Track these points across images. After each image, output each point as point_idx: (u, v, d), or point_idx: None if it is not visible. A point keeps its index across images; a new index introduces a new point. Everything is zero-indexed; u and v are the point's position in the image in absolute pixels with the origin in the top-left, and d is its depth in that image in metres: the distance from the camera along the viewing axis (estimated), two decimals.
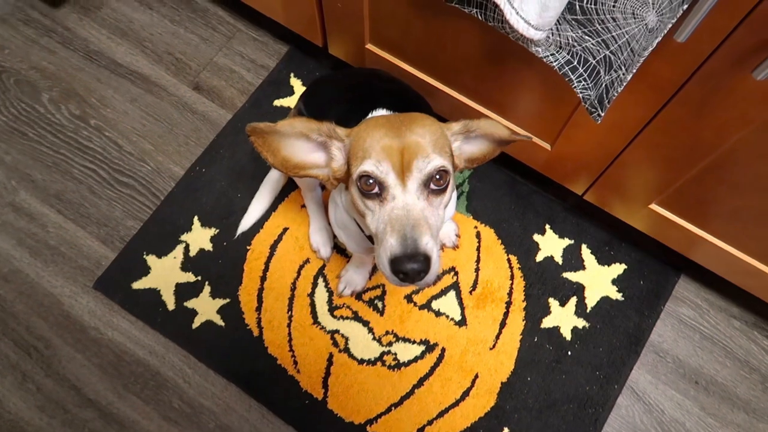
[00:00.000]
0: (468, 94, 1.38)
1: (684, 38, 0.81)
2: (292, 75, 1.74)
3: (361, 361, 1.47)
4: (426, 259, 0.80)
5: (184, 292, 1.52)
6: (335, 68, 1.74)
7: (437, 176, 0.85)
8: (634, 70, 0.90)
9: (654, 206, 1.30)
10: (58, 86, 1.74)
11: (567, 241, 1.57)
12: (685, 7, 0.78)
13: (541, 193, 1.62)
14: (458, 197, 1.60)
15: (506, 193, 1.62)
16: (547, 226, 1.59)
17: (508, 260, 1.55)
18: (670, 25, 0.81)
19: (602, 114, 1.00)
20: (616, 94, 0.95)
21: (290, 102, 1.71)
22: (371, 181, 0.84)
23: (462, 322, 1.50)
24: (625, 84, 0.92)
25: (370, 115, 1.08)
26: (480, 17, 1.04)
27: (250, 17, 1.82)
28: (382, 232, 0.84)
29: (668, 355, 1.48)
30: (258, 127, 0.84)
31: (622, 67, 0.94)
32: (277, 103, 1.72)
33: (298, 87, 1.73)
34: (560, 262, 1.55)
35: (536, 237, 1.57)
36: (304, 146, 0.90)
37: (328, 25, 1.45)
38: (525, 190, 1.62)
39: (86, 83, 1.75)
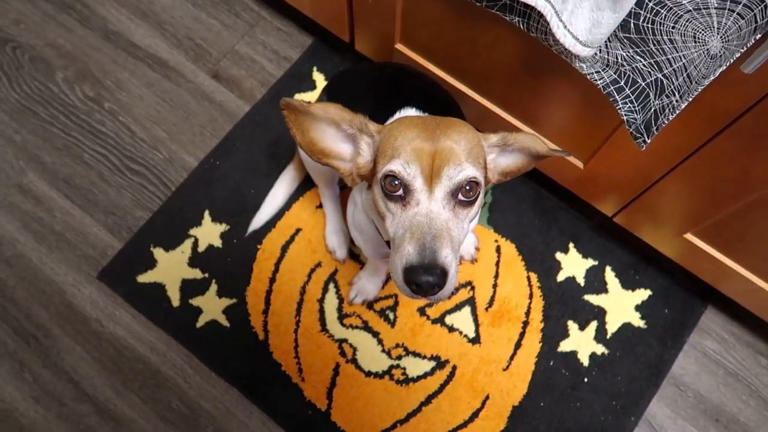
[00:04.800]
0: (500, 104, 1.31)
1: (752, 70, 0.74)
2: (314, 69, 1.68)
3: (368, 374, 1.41)
4: (443, 273, 0.75)
5: (190, 288, 1.47)
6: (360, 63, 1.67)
7: (467, 187, 0.80)
8: (690, 99, 0.83)
9: (689, 236, 1.23)
10: (74, 66, 1.69)
11: (591, 262, 1.50)
12: (758, 36, 0.71)
13: (567, 210, 1.55)
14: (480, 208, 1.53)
15: (530, 207, 1.55)
16: (571, 245, 1.52)
17: (528, 278, 1.49)
18: (738, 54, 0.74)
19: (648, 141, 0.93)
20: (666, 122, 0.88)
21: (312, 97, 1.65)
22: (397, 182, 0.80)
23: (476, 340, 1.44)
24: (678, 112, 0.85)
25: (398, 114, 1.04)
26: (522, 27, 0.97)
27: (275, 5, 1.75)
28: (400, 238, 0.79)
29: (689, 389, 1.42)
30: (292, 104, 0.80)
31: (676, 93, 0.86)
32: (298, 97, 1.65)
33: (321, 82, 1.66)
34: (582, 284, 1.49)
35: (559, 255, 1.51)
36: (333, 134, 0.86)
37: (357, 21, 1.39)
38: (550, 206, 1.55)
39: (102, 64, 1.69)
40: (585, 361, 1.43)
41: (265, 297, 1.46)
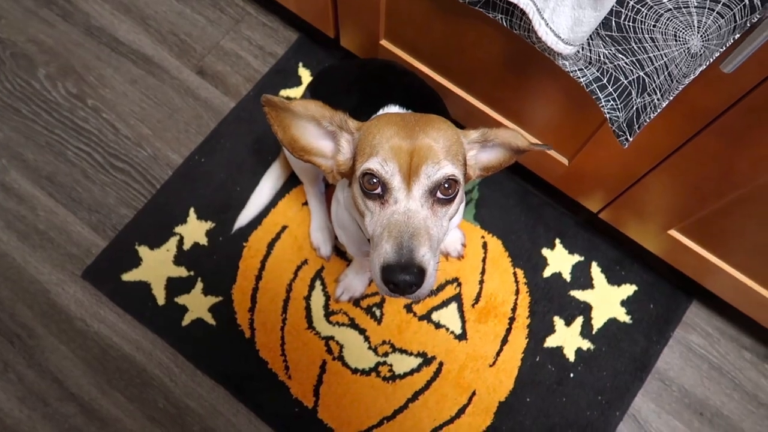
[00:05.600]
0: (484, 101, 1.31)
1: (731, 69, 0.74)
2: (300, 64, 1.66)
3: (355, 371, 1.41)
4: (420, 272, 0.75)
5: (175, 287, 1.46)
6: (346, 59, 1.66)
7: (446, 185, 0.80)
8: (671, 97, 0.83)
9: (673, 232, 1.23)
10: (56, 62, 1.67)
11: (577, 258, 1.51)
12: (737, 36, 0.70)
13: (553, 206, 1.55)
14: (466, 204, 1.53)
15: (517, 203, 1.55)
16: (557, 241, 1.52)
17: (515, 274, 1.49)
18: (717, 54, 0.74)
19: (630, 139, 0.93)
20: (648, 120, 0.88)
21: (297, 93, 1.64)
22: (375, 180, 0.80)
23: (462, 336, 1.44)
24: (659, 110, 0.85)
25: (381, 111, 1.04)
26: (505, 24, 0.97)
27: (260, 0, 1.73)
28: (378, 236, 0.79)
29: (674, 383, 1.43)
30: (273, 100, 0.81)
31: (657, 92, 0.86)
32: (284, 93, 1.64)
33: (306, 77, 1.65)
34: (568, 280, 1.49)
35: (545, 251, 1.51)
36: (314, 131, 0.86)
37: (342, 17, 1.38)
38: (536, 202, 1.55)
39: (85, 60, 1.67)
40: (571, 357, 1.43)
41: (252, 295, 1.46)
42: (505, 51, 1.11)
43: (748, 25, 0.69)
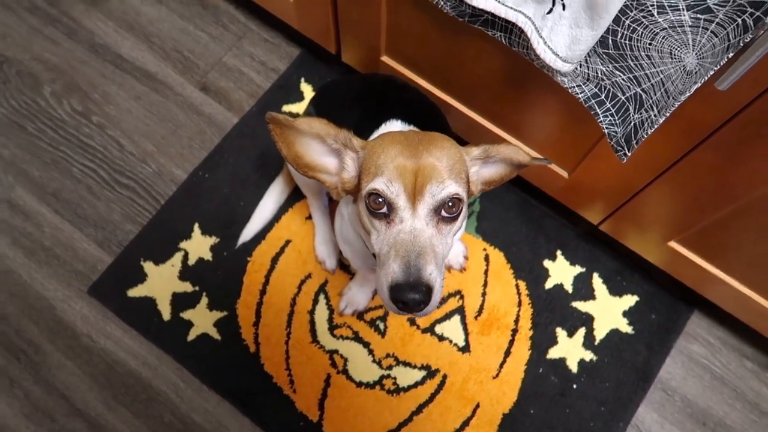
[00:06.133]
0: (485, 115, 1.32)
1: (726, 86, 0.75)
2: (302, 80, 1.68)
3: (359, 384, 1.42)
4: (428, 290, 0.76)
5: (180, 302, 1.47)
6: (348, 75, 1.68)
7: (450, 203, 0.81)
8: (668, 113, 0.84)
9: (673, 243, 1.25)
10: (61, 79, 1.69)
11: (578, 269, 1.52)
12: (731, 55, 0.72)
13: (554, 218, 1.56)
14: (468, 217, 1.54)
15: (517, 215, 1.56)
16: (559, 252, 1.53)
17: (517, 286, 1.50)
18: (712, 72, 0.75)
19: (629, 154, 0.94)
20: (646, 136, 0.89)
21: (300, 108, 1.66)
22: (380, 200, 0.81)
23: (465, 348, 1.45)
24: (656, 126, 0.87)
25: (383, 126, 1.05)
26: (504, 41, 0.99)
27: (262, 17, 1.76)
28: (385, 255, 0.80)
29: (676, 393, 1.43)
30: (277, 118, 0.82)
31: (654, 108, 0.88)
32: (286, 108, 1.66)
33: (309, 93, 1.67)
34: (570, 291, 1.50)
35: (546, 263, 1.52)
36: (318, 148, 0.87)
37: (343, 33, 1.40)
38: (537, 213, 1.56)
39: (90, 78, 1.69)
40: (574, 368, 1.44)
41: (256, 309, 1.47)
42: (504, 67, 1.13)
43: (742, 44, 0.71)
